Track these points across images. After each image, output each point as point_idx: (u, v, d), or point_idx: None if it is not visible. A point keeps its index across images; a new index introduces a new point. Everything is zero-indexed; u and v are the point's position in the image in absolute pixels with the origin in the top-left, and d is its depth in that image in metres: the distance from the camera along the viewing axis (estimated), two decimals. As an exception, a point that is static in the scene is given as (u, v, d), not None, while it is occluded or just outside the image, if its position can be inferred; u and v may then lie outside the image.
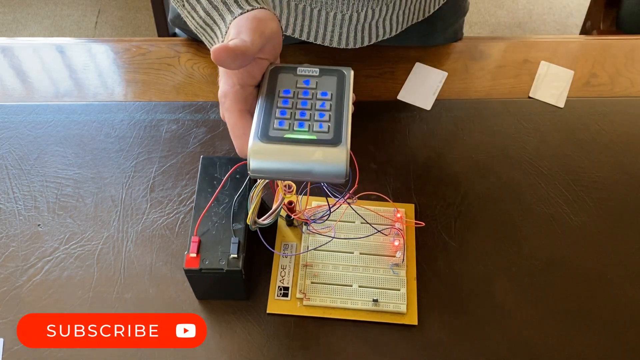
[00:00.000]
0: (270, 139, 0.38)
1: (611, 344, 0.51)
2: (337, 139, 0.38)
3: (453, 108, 0.66)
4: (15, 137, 0.63)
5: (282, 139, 0.38)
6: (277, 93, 0.41)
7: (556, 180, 0.61)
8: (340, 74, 0.42)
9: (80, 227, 0.57)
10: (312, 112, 0.39)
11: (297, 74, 0.42)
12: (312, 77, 0.42)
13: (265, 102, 0.40)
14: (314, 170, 0.38)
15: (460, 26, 0.76)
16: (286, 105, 0.40)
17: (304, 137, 0.38)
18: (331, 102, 0.40)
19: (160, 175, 0.61)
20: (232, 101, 0.41)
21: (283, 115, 0.39)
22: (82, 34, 1.76)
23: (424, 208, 0.59)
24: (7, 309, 0.53)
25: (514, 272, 0.55)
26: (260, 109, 0.40)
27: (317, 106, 0.40)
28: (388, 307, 0.52)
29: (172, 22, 0.75)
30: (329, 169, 0.37)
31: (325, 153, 0.37)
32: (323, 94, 0.41)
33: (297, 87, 0.41)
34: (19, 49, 0.73)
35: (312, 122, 0.39)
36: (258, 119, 0.39)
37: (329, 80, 0.42)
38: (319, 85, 0.41)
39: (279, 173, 0.38)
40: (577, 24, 1.79)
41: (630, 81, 0.69)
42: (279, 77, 0.42)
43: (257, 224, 0.49)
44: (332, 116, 0.39)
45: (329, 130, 0.38)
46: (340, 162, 0.37)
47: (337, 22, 0.61)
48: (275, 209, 0.49)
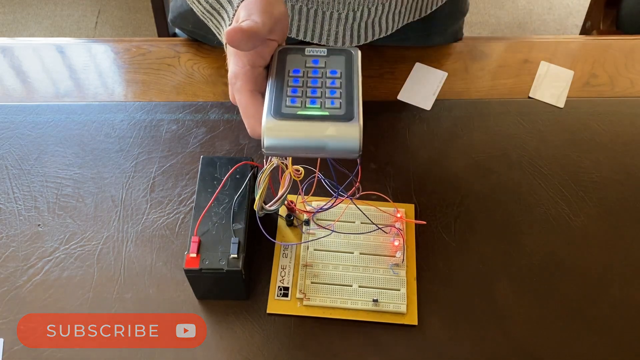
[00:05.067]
0: (283, 116, 0.38)
1: (611, 344, 0.51)
2: (350, 115, 0.38)
3: (453, 108, 0.66)
4: (15, 137, 0.63)
5: (295, 115, 0.38)
6: (287, 73, 0.41)
7: (556, 180, 0.61)
8: (348, 53, 0.43)
9: (80, 227, 0.57)
10: (323, 90, 0.40)
11: (306, 54, 0.42)
12: (320, 57, 0.42)
13: (276, 81, 0.40)
14: (327, 146, 0.38)
15: (461, 26, 0.76)
16: (297, 84, 0.40)
17: (317, 113, 0.38)
18: (341, 80, 0.41)
19: (160, 175, 0.61)
20: (243, 82, 0.41)
21: (294, 93, 0.40)
22: (82, 34, 1.76)
23: (424, 208, 0.59)
24: (7, 309, 0.53)
25: (514, 272, 0.55)
26: (272, 88, 0.40)
27: (328, 84, 0.40)
28: (388, 307, 0.52)
29: (172, 22, 0.75)
30: (342, 144, 0.38)
31: (338, 128, 0.38)
32: (332, 72, 0.41)
33: (307, 66, 0.42)
34: (19, 49, 0.73)
35: (324, 99, 0.39)
36: (270, 97, 0.39)
37: (338, 59, 0.42)
38: (328, 64, 0.42)
39: (292, 149, 0.38)
40: (577, 24, 1.79)
41: (630, 81, 0.69)
42: (288, 57, 0.42)
43: (264, 210, 0.49)
44: (342, 93, 0.40)
45: (340, 106, 0.39)
46: (354, 137, 0.38)
47: (333, 21, 0.61)
48: (282, 195, 0.49)
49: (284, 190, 0.49)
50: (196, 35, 0.72)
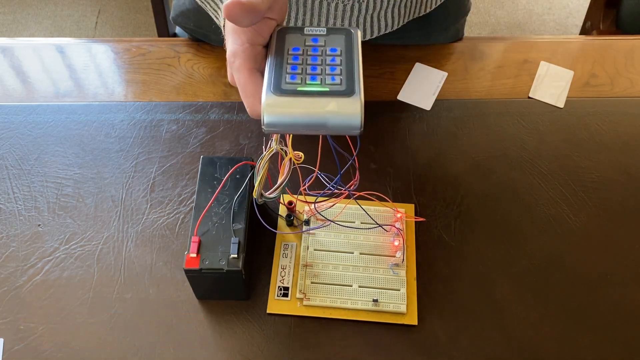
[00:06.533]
0: (283, 92, 0.38)
1: (611, 344, 0.51)
2: (351, 90, 0.38)
3: (453, 108, 0.66)
4: (15, 137, 0.63)
5: (295, 91, 0.38)
6: (286, 51, 0.41)
7: (556, 180, 0.61)
8: (348, 32, 0.43)
9: (80, 227, 0.57)
10: (323, 67, 0.40)
11: (305, 33, 0.43)
12: (320, 35, 0.42)
13: (275, 59, 0.40)
14: (328, 122, 0.37)
15: (462, 26, 0.76)
16: (296, 61, 0.40)
17: (317, 89, 0.38)
18: (341, 57, 0.40)
19: (160, 175, 0.61)
20: (242, 60, 0.41)
21: (294, 70, 0.39)
22: (82, 34, 1.76)
23: (424, 208, 0.59)
24: (7, 309, 0.53)
25: (514, 272, 0.55)
26: (271, 66, 0.40)
27: (328, 61, 0.40)
28: (388, 307, 0.52)
29: (173, 20, 0.76)
30: (344, 120, 0.37)
31: (339, 103, 0.37)
32: (332, 50, 0.41)
33: (306, 45, 0.42)
34: (19, 49, 0.73)
35: (324, 75, 0.39)
36: (269, 74, 0.39)
37: (337, 38, 0.42)
38: (328, 43, 0.42)
39: (293, 126, 0.38)
40: (577, 24, 1.79)
41: (630, 81, 0.69)
42: (287, 37, 0.42)
43: (264, 197, 0.49)
44: (343, 70, 0.39)
45: (341, 82, 0.39)
46: (355, 111, 0.37)
47: (338, 12, 0.61)
48: (281, 182, 0.48)
49: (283, 177, 0.48)
50: (197, 34, 0.72)
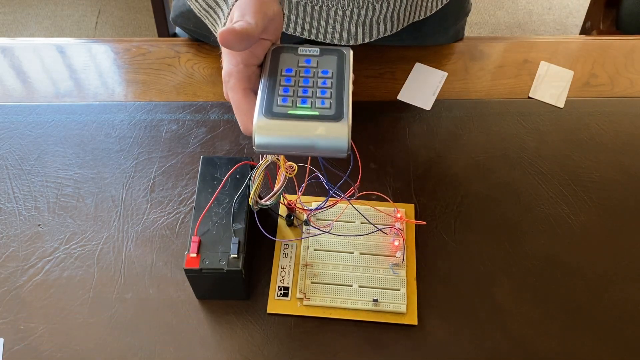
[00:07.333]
0: (274, 115, 0.39)
1: (611, 344, 0.51)
2: (339, 115, 0.39)
3: (453, 108, 0.66)
4: (15, 137, 0.64)
5: (286, 114, 0.39)
6: (279, 72, 0.42)
7: (556, 180, 0.61)
8: (340, 53, 0.44)
9: (80, 227, 0.57)
10: (314, 90, 0.41)
11: (299, 53, 0.43)
12: (313, 56, 0.43)
13: (268, 80, 0.41)
14: (317, 145, 0.39)
15: (462, 26, 0.76)
16: (289, 83, 0.41)
17: (307, 113, 0.39)
18: (332, 80, 0.41)
19: (160, 175, 0.61)
20: (236, 80, 0.42)
21: (286, 92, 0.40)
22: (82, 34, 1.76)
23: (424, 208, 0.59)
24: (7, 309, 0.53)
25: (514, 272, 0.55)
26: (264, 87, 0.41)
27: (319, 84, 0.41)
28: (388, 307, 0.52)
29: (173, 20, 0.76)
30: (331, 143, 0.39)
31: (327, 128, 0.39)
32: (324, 72, 0.42)
33: (299, 66, 0.42)
34: (19, 49, 0.73)
35: (314, 99, 0.40)
36: (262, 96, 0.40)
37: (330, 59, 0.43)
38: (320, 64, 0.43)
39: (282, 148, 0.39)
40: (577, 24, 1.79)
41: (630, 81, 0.69)
42: (281, 56, 0.43)
43: (259, 205, 0.49)
44: (333, 93, 0.41)
45: (330, 106, 0.40)
46: (342, 136, 0.38)
47: (338, 18, 0.61)
48: (277, 190, 0.49)
49: (279, 185, 0.49)
50: (197, 34, 0.72)
